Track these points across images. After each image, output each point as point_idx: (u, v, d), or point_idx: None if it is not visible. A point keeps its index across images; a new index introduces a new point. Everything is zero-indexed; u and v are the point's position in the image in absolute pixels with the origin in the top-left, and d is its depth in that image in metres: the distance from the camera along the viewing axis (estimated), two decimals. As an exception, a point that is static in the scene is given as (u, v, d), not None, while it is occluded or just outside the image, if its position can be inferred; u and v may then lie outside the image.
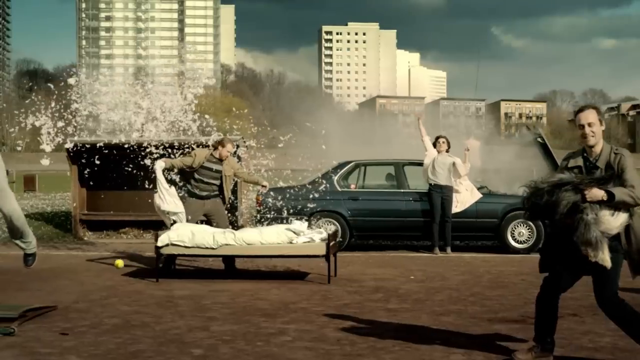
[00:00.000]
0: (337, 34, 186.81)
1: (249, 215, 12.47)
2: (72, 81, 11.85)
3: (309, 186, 11.39)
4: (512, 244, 11.00)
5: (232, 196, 9.71)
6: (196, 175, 9.01)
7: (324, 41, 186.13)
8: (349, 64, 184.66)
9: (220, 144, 9.08)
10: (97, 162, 12.08)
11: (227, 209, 9.65)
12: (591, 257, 4.63)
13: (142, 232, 13.44)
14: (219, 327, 6.02)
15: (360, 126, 32.19)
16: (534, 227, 10.96)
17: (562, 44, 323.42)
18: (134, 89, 11.02)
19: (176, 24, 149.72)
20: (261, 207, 11.27)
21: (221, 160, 9.05)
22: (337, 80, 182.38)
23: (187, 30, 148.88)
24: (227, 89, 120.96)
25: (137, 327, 6.04)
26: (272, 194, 11.18)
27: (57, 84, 12.59)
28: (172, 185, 9.16)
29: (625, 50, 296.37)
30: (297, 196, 11.24)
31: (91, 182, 13.14)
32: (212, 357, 5.12)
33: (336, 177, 11.38)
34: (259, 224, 11.00)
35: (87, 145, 12.20)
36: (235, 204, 11.96)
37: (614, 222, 4.62)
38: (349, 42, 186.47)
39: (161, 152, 10.92)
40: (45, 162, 11.42)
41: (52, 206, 17.64)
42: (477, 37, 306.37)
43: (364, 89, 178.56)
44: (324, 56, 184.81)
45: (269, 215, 11.06)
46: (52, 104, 11.65)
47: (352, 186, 11.49)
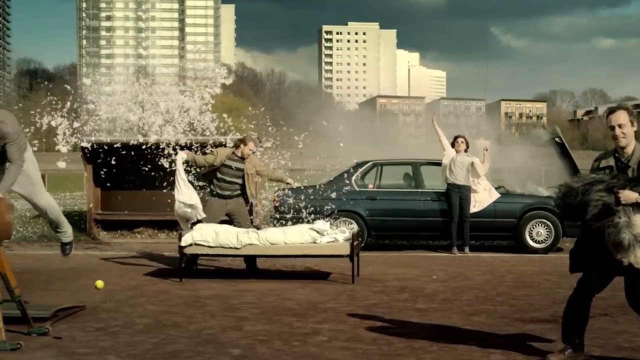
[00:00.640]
0: (338, 34, 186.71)
1: (266, 215, 12.46)
2: (87, 81, 11.83)
3: (326, 186, 11.38)
4: (530, 243, 11.00)
5: (255, 193, 9.61)
6: (218, 174, 9.00)
7: (324, 41, 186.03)
8: (349, 64, 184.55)
9: (242, 142, 9.06)
10: (114, 162, 12.05)
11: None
12: (623, 260, 4.62)
13: (156, 231, 13.43)
14: (252, 327, 6.01)
15: (363, 126, 32.12)
16: (551, 227, 10.95)
17: (561, 43, 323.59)
18: (150, 89, 10.96)
19: (177, 24, 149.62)
20: (278, 208, 11.26)
21: (243, 158, 9.03)
22: (337, 80, 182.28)
23: (187, 30, 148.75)
24: (227, 89, 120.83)
25: (170, 327, 6.03)
26: (290, 194, 11.17)
27: (72, 84, 12.56)
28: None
29: (624, 50, 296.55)
30: (314, 196, 11.23)
31: (106, 182, 13.12)
32: (251, 357, 5.12)
33: (354, 177, 11.37)
34: (278, 223, 10.98)
35: (105, 145, 12.17)
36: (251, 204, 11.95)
37: None
38: (349, 41, 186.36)
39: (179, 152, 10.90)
40: (61, 164, 11.38)
41: (64, 206, 17.59)
42: (476, 37, 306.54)
43: (364, 88, 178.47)
44: (324, 56, 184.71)
45: (287, 215, 11.04)
46: (68, 104, 11.63)
47: (370, 186, 11.47)
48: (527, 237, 11.00)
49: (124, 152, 11.95)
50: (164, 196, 12.77)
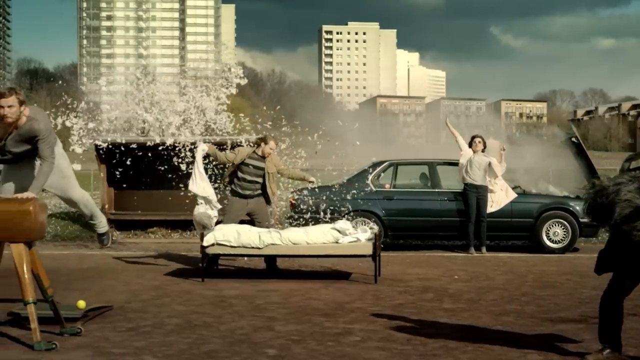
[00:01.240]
0: (338, 34, 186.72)
1: (280, 215, 12.45)
2: (102, 82, 11.83)
3: (342, 186, 11.38)
4: (547, 243, 11.00)
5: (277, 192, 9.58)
6: (239, 173, 8.98)
7: (324, 41, 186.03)
8: (349, 64, 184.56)
9: (262, 140, 9.04)
10: (129, 163, 12.05)
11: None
12: None
13: (169, 231, 13.43)
14: (283, 327, 6.00)
15: (368, 125, 32.00)
16: (568, 227, 10.96)
17: (561, 43, 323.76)
18: (167, 89, 10.97)
19: (177, 24, 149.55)
20: (295, 208, 11.26)
21: (264, 157, 9.01)
22: (337, 79, 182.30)
23: (188, 29, 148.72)
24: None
25: (201, 327, 6.02)
26: (306, 194, 11.17)
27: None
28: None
29: (623, 50, 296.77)
30: (331, 196, 11.22)
31: (122, 183, 13.11)
32: (287, 357, 5.11)
33: (371, 177, 11.36)
34: (294, 224, 10.97)
35: (121, 145, 12.17)
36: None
37: None
38: (349, 41, 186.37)
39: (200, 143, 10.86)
40: (76, 166, 11.38)
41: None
42: (475, 36, 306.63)
43: (364, 88, 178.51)
44: (324, 56, 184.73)
45: (305, 215, 11.03)
46: (82, 104, 11.64)
47: (387, 186, 11.47)
48: (544, 237, 11.00)
49: (140, 153, 11.94)
50: (177, 196, 12.79)
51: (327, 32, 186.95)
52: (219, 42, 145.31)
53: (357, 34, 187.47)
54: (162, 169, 11.96)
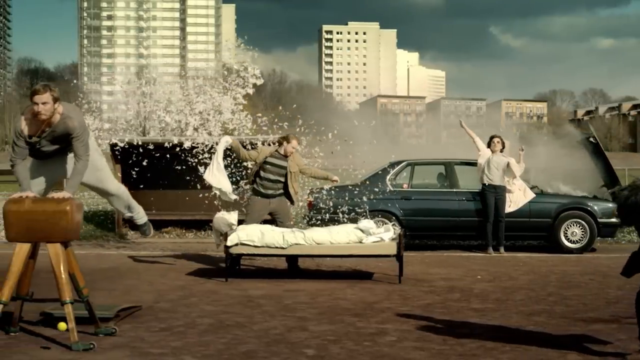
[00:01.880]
0: (338, 34, 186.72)
1: (296, 215, 12.44)
2: (121, 83, 11.82)
3: (360, 186, 11.37)
4: (565, 243, 11.00)
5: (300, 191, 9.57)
6: (261, 172, 8.96)
7: (324, 40, 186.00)
8: (349, 64, 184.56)
9: (285, 139, 9.02)
10: (145, 164, 12.03)
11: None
12: None
13: (184, 231, 13.42)
14: (316, 327, 6.00)
15: (379, 126, 31.96)
16: (587, 227, 10.96)
17: (560, 43, 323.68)
18: (185, 90, 10.96)
19: (178, 23, 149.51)
20: (312, 207, 11.25)
21: (286, 156, 9.00)
22: (338, 79, 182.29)
23: (188, 29, 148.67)
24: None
25: (234, 327, 6.01)
26: (324, 193, 11.17)
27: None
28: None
29: (623, 50, 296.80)
30: (348, 196, 11.21)
31: (137, 183, 13.09)
32: (326, 357, 5.10)
33: (388, 177, 11.35)
34: (312, 223, 10.97)
35: (138, 146, 12.15)
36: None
37: None
38: (349, 41, 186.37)
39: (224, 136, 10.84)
40: None
41: (86, 205, 17.58)
42: (475, 36, 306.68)
43: (364, 88, 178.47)
44: (324, 55, 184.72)
45: (324, 215, 11.03)
46: (99, 105, 11.64)
47: (405, 186, 11.46)
48: (562, 237, 11.00)
49: (158, 154, 11.91)
50: (192, 196, 12.80)
51: (327, 32, 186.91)
52: (219, 42, 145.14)
53: (357, 33, 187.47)
54: (179, 169, 11.95)
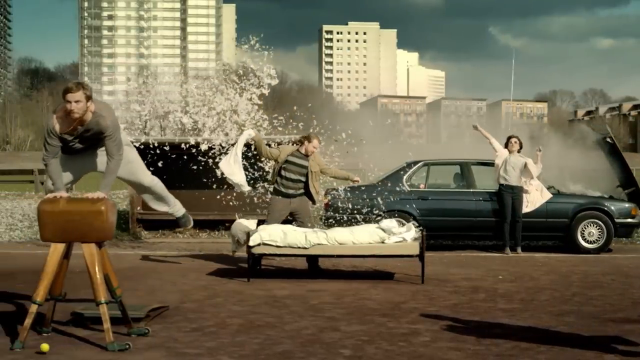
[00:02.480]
0: (338, 34, 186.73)
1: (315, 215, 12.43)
2: (138, 81, 11.80)
3: (375, 186, 11.37)
4: (583, 244, 10.99)
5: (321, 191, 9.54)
6: (282, 172, 8.95)
7: (324, 40, 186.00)
8: (349, 64, 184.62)
9: (306, 139, 9.00)
10: (160, 164, 11.99)
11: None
12: None
13: (197, 231, 13.40)
14: (348, 328, 5.98)
15: (387, 126, 31.97)
16: (603, 227, 10.95)
17: (560, 43, 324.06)
18: (203, 90, 10.93)
19: (178, 23, 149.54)
20: (329, 209, 11.25)
21: (307, 156, 8.99)
22: (338, 79, 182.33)
23: (189, 29, 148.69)
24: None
25: (265, 327, 6.00)
26: (341, 193, 11.17)
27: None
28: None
29: (622, 50, 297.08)
30: (365, 196, 11.21)
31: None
32: (364, 357, 5.09)
33: (405, 177, 11.34)
34: (329, 223, 10.96)
35: (154, 147, 12.12)
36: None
37: None
38: (349, 41, 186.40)
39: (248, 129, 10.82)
40: None
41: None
42: (474, 36, 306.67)
43: (364, 88, 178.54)
44: (324, 56, 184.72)
45: (341, 216, 11.02)
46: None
47: (422, 186, 11.45)
48: (579, 237, 11.00)
49: (174, 156, 11.88)
50: (206, 195, 12.78)
51: (327, 32, 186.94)
52: (220, 42, 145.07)
53: (357, 33, 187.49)
54: (195, 169, 11.93)
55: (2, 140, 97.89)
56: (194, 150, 11.38)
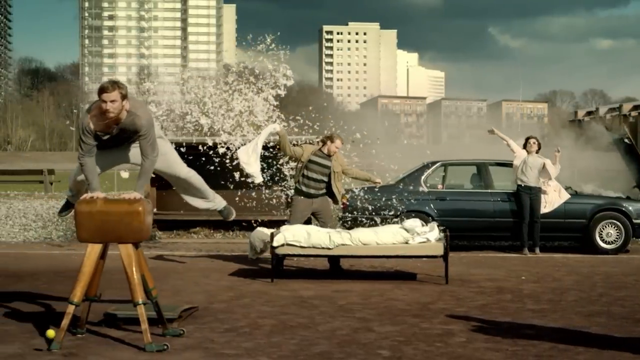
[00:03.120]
0: (338, 34, 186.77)
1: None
2: (148, 85, 11.78)
3: (393, 186, 11.37)
4: (601, 244, 10.99)
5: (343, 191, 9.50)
6: (305, 171, 8.94)
7: (324, 41, 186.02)
8: (349, 64, 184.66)
9: (329, 139, 9.01)
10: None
11: None
12: None
13: (212, 231, 13.40)
14: (381, 328, 5.98)
15: (385, 126, 31.97)
16: (622, 228, 10.96)
17: (559, 44, 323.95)
18: (221, 90, 10.90)
19: (179, 24, 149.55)
20: (347, 210, 11.25)
21: (329, 156, 8.98)
22: (338, 80, 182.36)
23: (189, 29, 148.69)
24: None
25: (298, 328, 5.99)
26: (359, 194, 11.17)
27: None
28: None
29: (622, 50, 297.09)
30: (383, 196, 11.20)
31: (169, 183, 13.05)
32: (403, 358, 5.09)
33: (423, 177, 11.34)
34: (346, 223, 10.96)
35: (174, 146, 12.11)
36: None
37: None
38: (349, 42, 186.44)
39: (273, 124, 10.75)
40: (125, 174, 11.32)
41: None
42: (474, 37, 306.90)
43: (365, 88, 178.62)
44: (324, 56, 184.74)
45: (359, 216, 11.02)
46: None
47: (439, 186, 11.45)
48: (597, 238, 11.00)
49: (191, 157, 11.85)
50: (222, 196, 12.72)
51: (327, 32, 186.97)
52: (221, 42, 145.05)
53: (357, 34, 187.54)
54: (212, 169, 11.91)
55: (3, 140, 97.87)
56: (211, 151, 11.35)
